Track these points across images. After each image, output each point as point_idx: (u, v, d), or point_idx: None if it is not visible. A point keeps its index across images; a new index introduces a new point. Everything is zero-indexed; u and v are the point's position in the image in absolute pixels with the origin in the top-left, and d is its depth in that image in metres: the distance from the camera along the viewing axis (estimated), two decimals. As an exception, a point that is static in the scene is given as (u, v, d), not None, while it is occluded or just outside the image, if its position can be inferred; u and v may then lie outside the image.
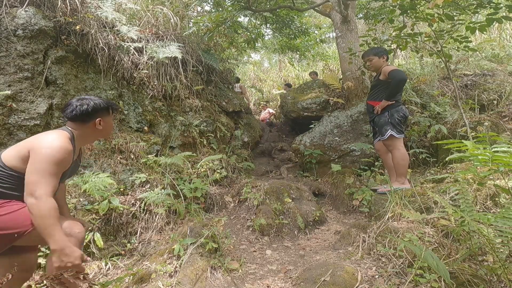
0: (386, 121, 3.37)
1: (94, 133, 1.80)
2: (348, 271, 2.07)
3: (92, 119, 1.75)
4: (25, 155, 1.54)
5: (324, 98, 5.95)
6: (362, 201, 3.52)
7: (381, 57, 3.49)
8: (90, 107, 1.73)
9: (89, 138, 1.85)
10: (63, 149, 1.56)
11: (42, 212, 1.42)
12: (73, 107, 1.71)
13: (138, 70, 4.11)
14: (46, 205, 1.43)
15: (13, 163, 1.56)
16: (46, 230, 1.42)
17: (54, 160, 1.51)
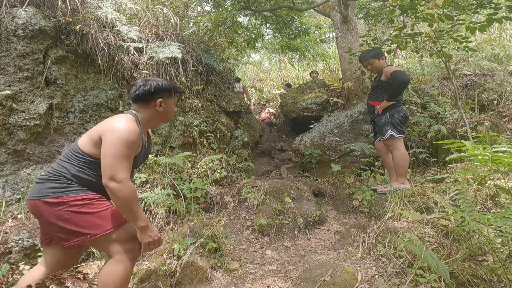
0: (387, 121, 3.37)
1: (156, 115, 1.79)
2: (348, 271, 2.07)
3: (153, 99, 1.75)
4: (97, 141, 1.56)
5: (324, 98, 5.95)
6: (362, 201, 3.52)
7: (380, 58, 3.49)
8: (152, 87, 1.73)
9: (152, 121, 1.82)
10: (131, 130, 1.56)
11: (126, 195, 1.47)
12: (136, 87, 1.73)
13: (138, 70, 4.11)
14: (129, 188, 1.48)
15: (89, 149, 1.59)
16: (131, 212, 1.50)
17: (124, 143, 1.52)
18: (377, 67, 3.52)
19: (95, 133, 1.59)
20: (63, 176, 1.57)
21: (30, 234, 2.48)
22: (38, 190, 1.56)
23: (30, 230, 2.51)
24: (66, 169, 1.58)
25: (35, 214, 1.58)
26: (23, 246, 2.42)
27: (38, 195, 1.54)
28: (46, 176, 1.59)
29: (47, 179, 1.57)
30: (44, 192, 1.53)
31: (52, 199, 1.51)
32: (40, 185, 1.56)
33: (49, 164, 3.20)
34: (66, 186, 1.55)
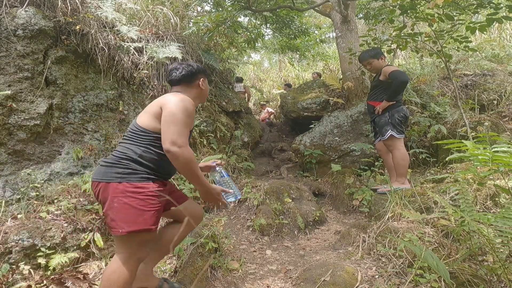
0: (387, 121, 3.37)
1: (197, 94, 1.86)
2: (348, 271, 2.07)
3: (196, 79, 1.84)
4: (158, 112, 1.59)
5: (324, 98, 5.96)
6: (362, 201, 3.52)
7: (379, 58, 3.49)
8: (195, 67, 1.83)
9: (195, 100, 1.84)
10: (190, 102, 1.64)
11: (187, 159, 1.52)
12: (179, 70, 1.80)
13: (138, 70, 4.11)
14: (189, 152, 1.53)
15: (151, 124, 1.62)
16: (193, 174, 1.57)
17: (186, 111, 1.58)
18: (376, 67, 3.52)
19: (154, 107, 1.63)
20: (129, 159, 1.59)
21: (30, 234, 2.48)
22: (103, 172, 1.59)
23: (30, 230, 2.51)
24: (132, 151, 1.60)
25: (95, 195, 1.63)
26: (23, 246, 2.42)
27: (103, 177, 1.57)
28: (112, 159, 1.61)
29: (113, 163, 1.59)
30: (109, 175, 1.56)
31: (115, 184, 1.54)
32: (106, 168, 1.59)
33: (49, 164, 3.20)
34: (130, 172, 1.56)
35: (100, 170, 1.61)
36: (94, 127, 3.58)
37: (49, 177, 3.14)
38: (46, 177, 3.12)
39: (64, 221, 2.71)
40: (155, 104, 1.65)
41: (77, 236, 2.68)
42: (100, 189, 1.57)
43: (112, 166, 1.58)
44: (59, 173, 3.20)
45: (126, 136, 1.69)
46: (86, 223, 2.78)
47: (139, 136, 1.63)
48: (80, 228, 2.73)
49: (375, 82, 3.58)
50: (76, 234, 2.69)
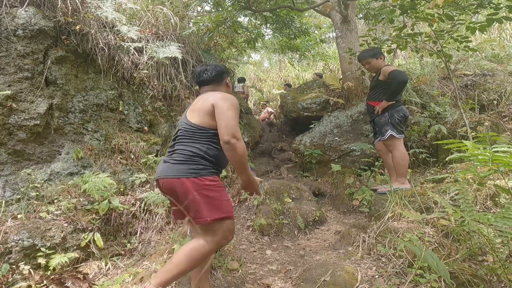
0: (386, 121, 3.37)
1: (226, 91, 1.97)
2: (348, 271, 2.07)
3: (223, 78, 2.00)
4: (211, 110, 1.71)
5: (324, 98, 5.95)
6: (362, 201, 3.52)
7: (378, 58, 3.49)
8: (222, 68, 1.99)
9: None
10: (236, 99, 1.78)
11: (242, 151, 1.64)
12: (209, 71, 1.94)
13: (138, 70, 4.11)
14: (243, 146, 1.66)
15: (208, 122, 1.73)
16: (245, 165, 1.68)
17: (237, 108, 1.73)
18: (375, 67, 3.52)
19: (206, 106, 1.74)
20: (198, 156, 1.72)
21: (30, 234, 2.48)
22: (178, 169, 1.69)
23: (30, 230, 2.51)
24: (198, 148, 1.73)
25: (168, 191, 1.72)
26: (23, 246, 2.42)
27: (178, 174, 1.67)
28: (182, 157, 1.72)
29: (185, 160, 1.70)
30: (184, 172, 1.67)
31: (192, 179, 1.66)
32: (178, 166, 1.70)
33: (49, 164, 3.20)
34: (202, 168, 1.70)
35: (173, 168, 1.71)
36: (94, 127, 3.58)
37: (49, 177, 3.14)
38: (46, 177, 3.12)
39: (64, 221, 2.71)
40: (205, 103, 1.75)
41: (77, 236, 2.68)
42: (175, 184, 1.68)
43: (184, 163, 1.70)
44: (59, 173, 3.20)
45: (183, 135, 1.78)
46: (86, 223, 2.78)
47: (199, 134, 1.74)
48: (80, 228, 2.73)
49: (375, 82, 3.58)
50: (76, 234, 2.69)
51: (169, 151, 1.82)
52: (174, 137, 1.85)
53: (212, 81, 1.95)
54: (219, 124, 1.66)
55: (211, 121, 1.72)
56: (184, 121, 1.81)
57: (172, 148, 1.81)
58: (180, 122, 1.85)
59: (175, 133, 1.85)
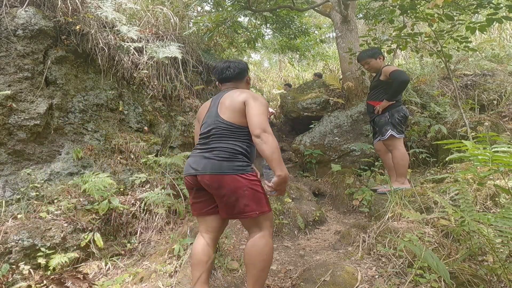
0: (387, 121, 3.37)
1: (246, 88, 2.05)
2: (348, 271, 2.07)
3: (245, 76, 2.05)
4: (243, 109, 1.78)
5: (324, 98, 5.95)
6: (362, 201, 3.52)
7: (377, 58, 3.49)
8: (244, 65, 2.04)
9: None
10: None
11: (274, 145, 1.69)
12: (232, 68, 1.99)
13: (138, 70, 4.11)
14: (275, 140, 1.72)
15: (242, 121, 1.80)
16: (277, 159, 1.69)
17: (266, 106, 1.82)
18: (374, 67, 3.53)
19: (239, 104, 1.80)
20: (241, 154, 1.80)
21: (30, 234, 2.48)
22: (225, 166, 1.74)
23: (30, 230, 2.51)
24: (239, 146, 1.80)
25: (212, 186, 1.75)
26: (23, 246, 2.42)
27: (225, 170, 1.73)
28: (228, 155, 1.76)
29: (230, 157, 1.76)
30: (231, 168, 1.74)
31: (239, 176, 1.73)
32: (224, 163, 1.74)
33: (49, 164, 3.20)
34: (246, 165, 1.79)
35: (220, 164, 1.75)
36: (94, 127, 3.58)
37: (49, 177, 3.14)
38: (46, 177, 3.12)
39: (64, 221, 2.71)
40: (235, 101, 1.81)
41: (77, 236, 2.69)
42: (222, 180, 1.72)
43: (230, 160, 1.76)
44: (59, 173, 3.20)
45: (220, 133, 1.81)
46: (86, 223, 2.78)
47: (236, 132, 1.81)
48: (80, 228, 2.73)
49: (375, 82, 3.58)
50: (76, 234, 2.69)
51: (204, 148, 1.84)
52: (205, 134, 1.86)
53: (234, 78, 2.00)
54: (250, 120, 1.74)
55: (244, 119, 1.78)
56: (218, 119, 1.83)
57: (207, 145, 1.83)
58: (212, 119, 1.86)
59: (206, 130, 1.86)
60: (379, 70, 3.50)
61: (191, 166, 1.83)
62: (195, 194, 1.89)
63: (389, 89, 3.32)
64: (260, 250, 1.73)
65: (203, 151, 1.83)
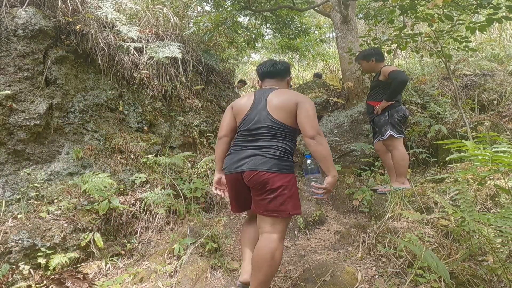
0: (386, 121, 3.37)
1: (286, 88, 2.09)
2: (348, 271, 2.07)
3: (289, 75, 2.08)
4: (294, 110, 1.82)
5: (324, 98, 5.95)
6: (362, 201, 3.52)
7: (370, 61, 3.48)
8: (289, 65, 2.09)
9: None
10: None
11: (327, 146, 1.77)
12: (279, 65, 2.03)
13: (138, 70, 4.11)
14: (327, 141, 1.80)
15: (292, 122, 1.84)
16: (331, 160, 1.77)
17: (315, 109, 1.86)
18: (366, 69, 3.57)
19: (290, 105, 1.82)
20: (290, 154, 1.84)
21: (30, 234, 2.48)
22: (275, 164, 1.77)
23: (30, 230, 2.51)
24: (289, 146, 1.85)
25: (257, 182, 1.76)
26: (23, 246, 2.42)
27: (276, 169, 1.75)
28: (279, 153, 1.80)
29: (281, 156, 1.80)
30: (281, 167, 1.77)
31: (286, 175, 1.78)
32: (275, 161, 1.77)
33: (49, 164, 3.20)
34: (292, 165, 1.84)
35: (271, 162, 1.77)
36: (94, 127, 3.58)
37: (49, 177, 3.14)
38: (46, 177, 3.12)
39: (64, 221, 2.71)
40: (287, 102, 1.83)
41: (77, 236, 2.69)
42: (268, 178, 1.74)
43: (281, 159, 1.79)
44: (59, 173, 3.20)
45: (270, 132, 1.83)
46: (86, 223, 2.78)
47: (285, 132, 1.84)
48: (80, 228, 2.73)
49: (375, 82, 3.58)
50: (76, 234, 2.69)
51: (253, 145, 1.83)
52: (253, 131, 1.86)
53: (279, 75, 2.02)
54: (303, 122, 1.77)
55: (294, 120, 1.82)
56: (269, 118, 1.83)
57: (255, 142, 1.83)
58: (261, 117, 1.85)
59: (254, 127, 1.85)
60: (371, 71, 3.53)
61: (238, 163, 1.83)
62: (236, 191, 1.91)
63: (388, 89, 3.32)
64: (271, 254, 1.70)
65: (254, 149, 1.82)
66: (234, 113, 2.02)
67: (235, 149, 1.90)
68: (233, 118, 2.02)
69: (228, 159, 1.90)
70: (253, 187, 1.80)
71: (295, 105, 1.82)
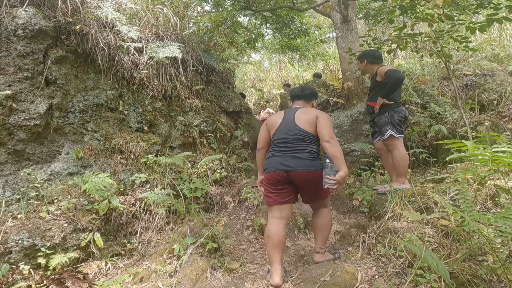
0: (387, 121, 3.37)
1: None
2: (348, 271, 2.07)
3: (314, 99, 2.67)
4: (315, 121, 2.34)
5: (324, 98, 5.95)
6: (362, 201, 3.51)
7: (362, 62, 3.54)
8: (316, 91, 2.71)
9: None
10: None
11: (339, 147, 2.24)
12: (309, 89, 2.63)
13: (138, 70, 4.11)
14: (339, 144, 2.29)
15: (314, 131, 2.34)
16: (342, 158, 2.22)
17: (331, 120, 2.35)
18: (360, 69, 3.67)
19: (312, 118, 2.35)
20: (318, 154, 2.34)
21: (30, 234, 2.48)
22: (314, 164, 2.28)
23: (30, 230, 2.51)
24: (316, 149, 2.35)
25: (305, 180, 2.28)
26: (23, 246, 2.42)
27: (315, 167, 2.28)
28: (313, 155, 2.31)
29: (315, 157, 2.31)
30: (317, 166, 2.28)
31: (320, 171, 2.26)
32: (312, 162, 2.28)
33: (49, 164, 3.20)
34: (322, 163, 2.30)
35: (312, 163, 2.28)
36: (94, 127, 3.58)
37: (49, 177, 3.14)
38: (46, 177, 3.12)
39: (64, 221, 2.71)
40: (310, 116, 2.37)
41: (77, 236, 2.69)
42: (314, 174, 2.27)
43: (316, 160, 2.30)
44: (59, 173, 3.20)
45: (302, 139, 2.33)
46: (86, 223, 2.78)
47: (312, 139, 2.35)
48: (80, 228, 2.73)
49: (373, 83, 3.58)
50: (76, 234, 2.69)
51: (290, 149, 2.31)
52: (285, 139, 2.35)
53: (305, 98, 2.58)
54: (323, 129, 2.28)
55: (315, 129, 2.33)
56: (297, 128, 2.35)
57: (291, 147, 2.31)
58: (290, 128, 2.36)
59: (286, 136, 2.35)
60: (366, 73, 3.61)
61: (281, 163, 2.29)
62: (280, 187, 2.32)
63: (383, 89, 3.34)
64: (329, 220, 2.46)
65: (291, 152, 2.30)
66: (268, 128, 2.53)
67: (274, 154, 2.38)
68: (267, 132, 2.54)
69: (269, 162, 2.38)
70: (298, 183, 2.30)
71: (315, 117, 2.34)
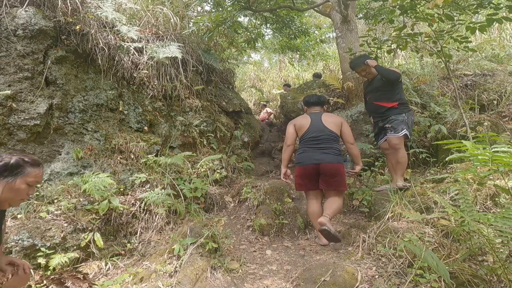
0: (404, 120, 3.35)
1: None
2: (348, 271, 2.07)
3: (325, 105, 3.21)
4: (340, 125, 2.96)
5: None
6: (362, 201, 3.52)
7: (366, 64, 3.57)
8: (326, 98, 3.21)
9: None
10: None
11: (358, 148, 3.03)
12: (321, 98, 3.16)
13: (138, 70, 4.11)
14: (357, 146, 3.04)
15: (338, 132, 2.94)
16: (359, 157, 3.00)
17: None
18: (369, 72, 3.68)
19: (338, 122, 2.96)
20: (340, 151, 2.93)
21: (30, 234, 2.48)
22: (338, 158, 2.86)
23: (30, 230, 2.51)
24: (338, 146, 2.93)
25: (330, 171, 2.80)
26: (23, 246, 2.42)
27: (339, 161, 2.85)
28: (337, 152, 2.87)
29: (339, 153, 2.89)
30: (340, 160, 2.87)
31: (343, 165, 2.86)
32: (337, 157, 2.86)
33: (49, 164, 3.20)
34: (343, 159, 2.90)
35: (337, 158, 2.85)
36: (94, 127, 3.58)
37: (49, 177, 3.14)
38: (46, 177, 3.12)
39: (64, 221, 2.71)
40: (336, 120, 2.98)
41: (77, 236, 2.69)
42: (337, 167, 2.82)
43: (339, 155, 2.88)
44: (59, 173, 3.20)
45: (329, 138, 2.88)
46: (86, 223, 2.78)
47: (337, 139, 2.92)
48: (80, 228, 2.73)
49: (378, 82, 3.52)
50: (76, 234, 2.69)
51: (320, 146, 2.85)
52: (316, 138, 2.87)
53: (320, 104, 3.10)
54: (347, 134, 2.95)
55: (340, 131, 2.93)
56: (326, 130, 2.89)
57: (320, 145, 2.85)
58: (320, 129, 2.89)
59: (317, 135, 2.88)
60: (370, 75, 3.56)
61: (314, 158, 2.82)
62: (310, 177, 2.86)
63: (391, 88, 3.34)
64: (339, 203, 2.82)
65: (320, 149, 2.84)
66: (297, 128, 3.00)
67: (306, 150, 2.90)
68: (295, 132, 3.00)
69: (303, 156, 2.90)
70: (327, 173, 2.78)
71: (340, 122, 2.97)
